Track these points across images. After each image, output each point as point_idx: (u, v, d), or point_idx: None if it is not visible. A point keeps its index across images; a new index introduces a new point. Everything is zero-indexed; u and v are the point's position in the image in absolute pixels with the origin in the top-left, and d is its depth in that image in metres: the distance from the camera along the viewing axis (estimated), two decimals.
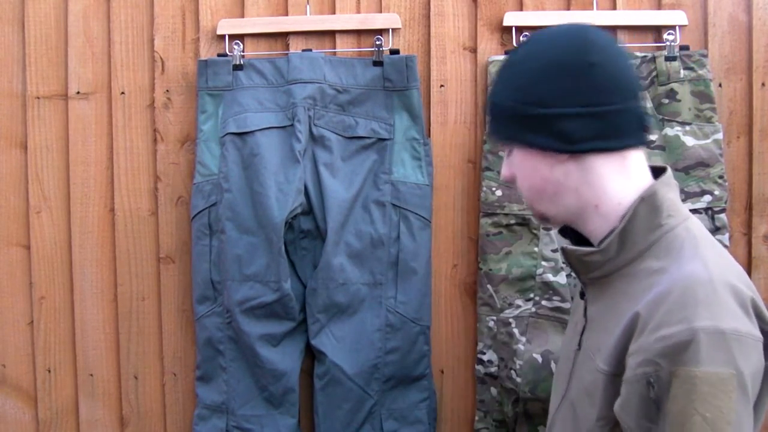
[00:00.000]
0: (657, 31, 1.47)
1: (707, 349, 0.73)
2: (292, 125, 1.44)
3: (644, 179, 0.88)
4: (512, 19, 1.46)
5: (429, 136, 1.50)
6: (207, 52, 1.52)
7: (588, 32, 0.86)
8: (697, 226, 0.87)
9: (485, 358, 1.47)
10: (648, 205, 0.85)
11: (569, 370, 0.94)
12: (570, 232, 0.96)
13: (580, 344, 0.92)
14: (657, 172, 0.90)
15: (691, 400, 0.73)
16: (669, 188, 0.87)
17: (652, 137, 1.41)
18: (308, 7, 1.51)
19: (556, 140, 0.85)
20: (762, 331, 0.77)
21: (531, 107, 0.86)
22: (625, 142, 0.87)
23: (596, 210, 0.88)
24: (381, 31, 1.49)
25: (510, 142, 0.91)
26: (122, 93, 1.55)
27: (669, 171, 0.90)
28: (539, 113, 0.85)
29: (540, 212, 0.94)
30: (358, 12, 1.51)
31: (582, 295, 0.94)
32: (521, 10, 1.48)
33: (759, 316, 0.78)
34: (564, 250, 0.91)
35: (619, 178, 0.86)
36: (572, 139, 0.85)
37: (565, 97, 0.84)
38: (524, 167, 0.91)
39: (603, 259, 0.87)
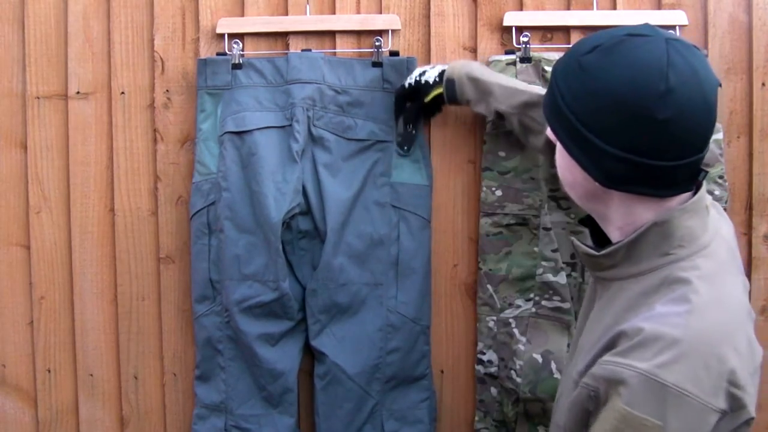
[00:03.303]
0: None
1: (641, 392, 0.73)
2: (290, 125, 1.44)
3: (672, 201, 0.84)
4: (512, 19, 1.46)
5: (429, 136, 1.50)
6: (207, 52, 1.52)
7: (677, 69, 0.76)
8: (711, 262, 0.82)
9: (485, 358, 1.47)
10: (660, 229, 0.82)
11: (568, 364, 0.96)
12: (590, 223, 0.96)
13: (577, 341, 0.95)
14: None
15: (612, 430, 0.74)
16: (690, 215, 0.82)
17: None
18: (308, 7, 1.51)
19: (596, 170, 0.82)
20: (734, 401, 0.74)
21: (584, 128, 0.80)
22: (667, 193, 0.82)
23: (619, 230, 0.87)
24: (381, 32, 1.49)
25: (554, 134, 0.87)
26: (122, 93, 1.55)
27: (700, 193, 0.85)
28: (589, 138, 0.80)
29: (566, 193, 0.92)
30: (358, 12, 1.51)
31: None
32: (521, 10, 1.48)
33: (735, 385, 0.74)
34: (574, 244, 0.93)
35: (649, 211, 0.84)
36: (610, 177, 0.81)
37: (620, 139, 0.78)
38: (562, 158, 0.88)
39: (606, 264, 0.87)
